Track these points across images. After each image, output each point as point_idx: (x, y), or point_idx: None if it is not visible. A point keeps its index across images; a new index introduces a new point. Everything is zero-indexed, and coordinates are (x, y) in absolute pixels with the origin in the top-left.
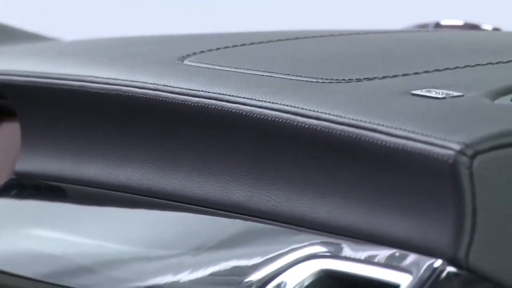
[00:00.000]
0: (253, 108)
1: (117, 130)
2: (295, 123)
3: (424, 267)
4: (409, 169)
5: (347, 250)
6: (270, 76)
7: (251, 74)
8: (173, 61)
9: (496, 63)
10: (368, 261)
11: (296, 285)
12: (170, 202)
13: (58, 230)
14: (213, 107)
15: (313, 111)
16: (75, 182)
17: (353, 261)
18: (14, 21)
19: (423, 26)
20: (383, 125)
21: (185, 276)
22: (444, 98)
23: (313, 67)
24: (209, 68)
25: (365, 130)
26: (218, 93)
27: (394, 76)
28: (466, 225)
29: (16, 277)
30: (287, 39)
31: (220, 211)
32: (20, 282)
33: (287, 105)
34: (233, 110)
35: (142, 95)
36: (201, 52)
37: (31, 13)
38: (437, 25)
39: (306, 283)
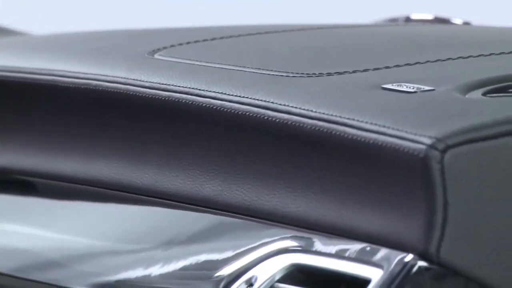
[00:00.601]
0: (224, 102)
1: (87, 125)
2: (265, 118)
3: (395, 261)
4: (380, 163)
5: (318, 245)
6: (241, 70)
7: (222, 68)
8: (143, 55)
9: (467, 57)
10: (339, 255)
11: (267, 280)
12: (141, 196)
13: (29, 225)
14: (183, 101)
15: (284, 105)
16: (45, 176)
17: (324, 255)
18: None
19: (394, 20)
20: (354, 120)
21: (155, 271)
22: (415, 92)
23: (283, 61)
24: (180, 62)
25: (336, 124)
26: (189, 87)
27: (365, 70)
28: (437, 219)
29: None
30: (258, 33)
31: (190, 206)
32: None
33: (257, 100)
34: (204, 104)
35: (112, 89)
36: (172, 46)
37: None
38: (407, 19)
39: (277, 277)
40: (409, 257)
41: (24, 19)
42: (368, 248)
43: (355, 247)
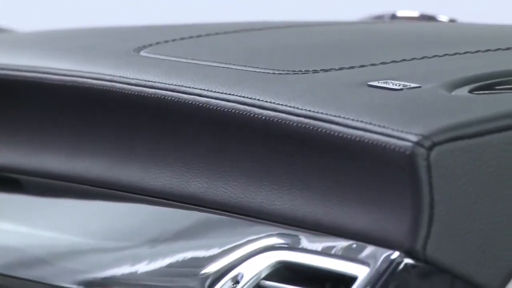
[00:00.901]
0: (210, 99)
1: (73, 122)
2: (251, 115)
3: (382, 259)
4: (366, 161)
5: (304, 242)
6: (227, 67)
7: (208, 65)
8: (129, 53)
9: (453, 55)
10: (326, 252)
11: (253, 277)
12: (127, 193)
13: (15, 222)
14: (169, 98)
15: (270, 102)
16: (31, 173)
17: (310, 252)
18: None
19: (379, 18)
20: (340, 117)
21: (142, 268)
22: (401, 89)
23: (269, 58)
24: (165, 59)
25: (322, 121)
26: (175, 85)
27: (351, 67)
28: (424, 217)
29: None
30: (243, 30)
31: (176, 203)
32: None
33: (243, 97)
34: (190, 102)
35: (98, 87)
36: (157, 43)
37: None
38: (393, 17)
39: (263, 275)
40: (395, 254)
41: (23, 19)
42: (354, 246)
43: (341, 244)
